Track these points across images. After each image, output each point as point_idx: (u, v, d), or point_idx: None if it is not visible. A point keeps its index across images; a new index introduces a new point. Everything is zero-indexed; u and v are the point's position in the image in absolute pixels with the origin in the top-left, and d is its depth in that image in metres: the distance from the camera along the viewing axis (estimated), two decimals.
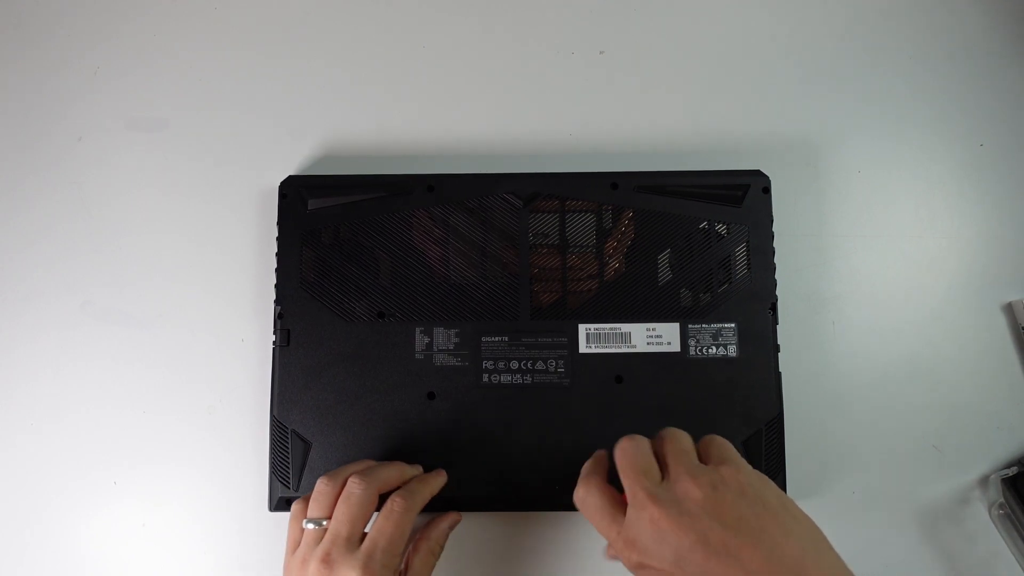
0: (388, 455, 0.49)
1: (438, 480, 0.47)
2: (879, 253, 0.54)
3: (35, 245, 0.55)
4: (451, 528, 0.47)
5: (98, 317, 0.54)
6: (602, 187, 0.52)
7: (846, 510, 0.51)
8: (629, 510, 0.36)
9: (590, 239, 0.51)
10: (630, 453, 0.38)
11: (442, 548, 0.46)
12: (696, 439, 0.40)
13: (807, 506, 0.51)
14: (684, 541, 0.33)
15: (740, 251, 0.51)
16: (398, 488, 0.44)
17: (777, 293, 0.50)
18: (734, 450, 0.39)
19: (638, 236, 0.51)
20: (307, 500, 0.44)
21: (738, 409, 0.49)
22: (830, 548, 0.36)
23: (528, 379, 0.50)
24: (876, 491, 0.51)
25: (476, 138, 0.56)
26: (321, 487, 0.43)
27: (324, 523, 0.42)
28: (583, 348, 0.50)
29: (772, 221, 0.51)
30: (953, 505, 0.51)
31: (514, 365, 0.50)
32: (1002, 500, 0.50)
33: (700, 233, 0.51)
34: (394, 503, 0.43)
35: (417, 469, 0.47)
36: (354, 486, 0.42)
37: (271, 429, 0.50)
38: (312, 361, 0.50)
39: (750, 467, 0.38)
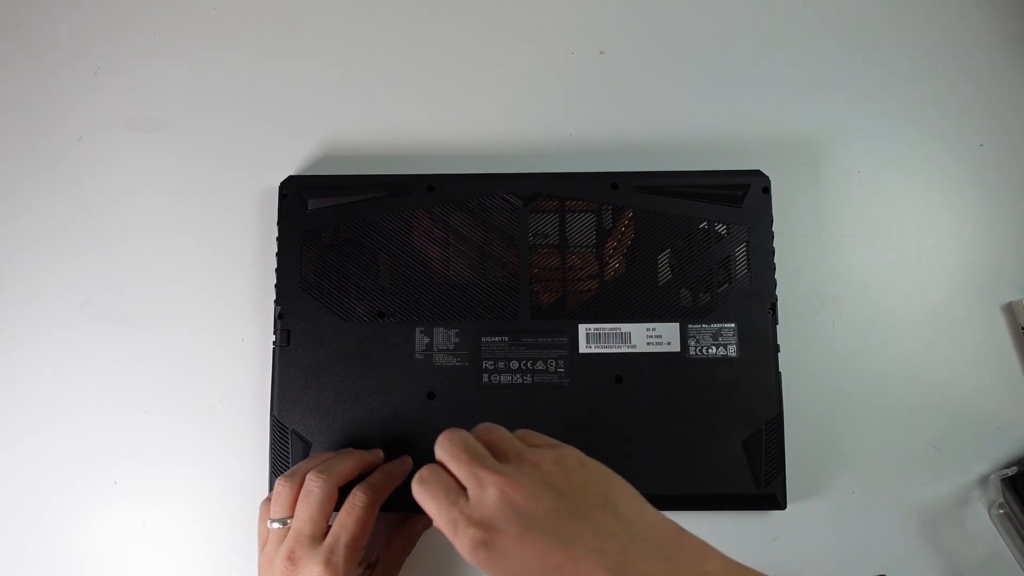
0: (388, 455, 0.49)
1: (401, 468, 0.47)
2: (879, 253, 0.54)
3: (35, 245, 0.55)
4: (424, 529, 0.48)
5: (98, 317, 0.54)
6: (602, 187, 0.52)
7: (846, 510, 0.51)
8: (472, 491, 0.36)
9: (590, 239, 0.51)
10: (457, 441, 0.38)
11: (413, 545, 0.48)
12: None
13: (807, 506, 0.51)
14: (538, 508, 0.34)
15: (740, 251, 0.51)
16: (361, 478, 0.45)
17: (777, 293, 0.50)
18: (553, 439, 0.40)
19: (638, 236, 0.51)
20: (270, 500, 0.44)
21: (738, 409, 0.49)
22: (655, 509, 0.37)
23: (528, 379, 0.50)
24: (876, 491, 0.51)
25: (476, 138, 0.56)
26: (279, 488, 0.44)
27: (288, 522, 0.43)
28: (583, 348, 0.50)
29: (772, 221, 0.51)
30: (953, 505, 0.51)
31: (514, 365, 0.50)
32: (1002, 500, 0.50)
33: (700, 233, 0.51)
34: (356, 498, 0.43)
35: (377, 454, 0.47)
36: (312, 484, 0.43)
37: (271, 429, 0.50)
38: (312, 361, 0.50)
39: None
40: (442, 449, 0.38)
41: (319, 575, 0.41)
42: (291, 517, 0.43)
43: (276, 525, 0.43)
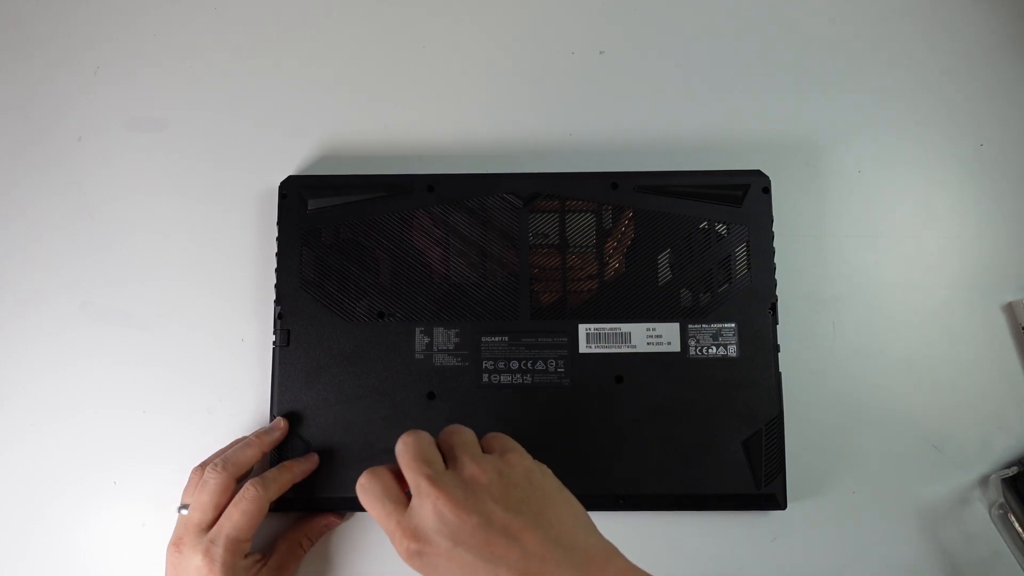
0: (388, 455, 0.49)
1: (303, 466, 0.48)
2: (879, 253, 0.54)
3: (35, 245, 0.55)
4: (327, 529, 0.49)
5: (98, 317, 0.54)
6: (602, 187, 0.52)
7: (846, 510, 0.51)
8: (412, 500, 0.36)
9: (590, 239, 0.51)
10: (411, 445, 0.38)
11: (312, 543, 0.48)
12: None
13: (807, 506, 0.51)
14: (467, 523, 0.35)
15: (740, 251, 0.51)
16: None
17: (777, 293, 0.50)
18: (516, 443, 0.40)
19: (638, 236, 0.51)
20: None
21: (738, 409, 0.49)
22: (598, 531, 0.38)
23: (528, 379, 0.50)
24: (876, 491, 0.51)
25: (476, 138, 0.56)
26: (191, 475, 0.46)
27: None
28: (583, 348, 0.50)
29: (772, 221, 0.51)
30: (953, 505, 0.51)
31: (514, 365, 0.50)
32: (1002, 500, 0.50)
33: (700, 233, 0.51)
34: (245, 491, 0.44)
35: (311, 459, 0.48)
36: (209, 474, 0.44)
37: None
38: (312, 361, 0.50)
39: (532, 457, 0.40)
40: (398, 451, 0.38)
41: (198, 564, 0.42)
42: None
43: (184, 511, 0.45)
